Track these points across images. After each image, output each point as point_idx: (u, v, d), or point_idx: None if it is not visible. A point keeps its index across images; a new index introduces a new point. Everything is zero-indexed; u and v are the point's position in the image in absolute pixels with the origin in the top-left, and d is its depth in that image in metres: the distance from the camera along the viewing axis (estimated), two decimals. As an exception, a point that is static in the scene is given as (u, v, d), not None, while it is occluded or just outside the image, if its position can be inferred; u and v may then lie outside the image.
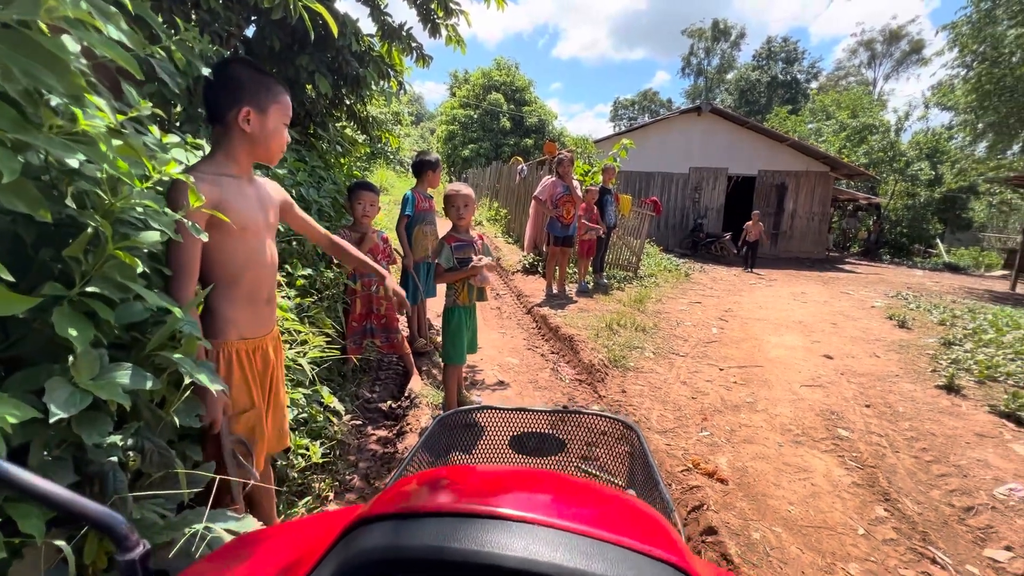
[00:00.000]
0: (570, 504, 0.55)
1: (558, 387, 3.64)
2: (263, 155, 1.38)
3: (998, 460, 2.75)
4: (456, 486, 0.56)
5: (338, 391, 2.53)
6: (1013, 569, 2.03)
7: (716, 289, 8.21)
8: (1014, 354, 4.45)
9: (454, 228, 2.74)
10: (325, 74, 3.25)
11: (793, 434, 3.08)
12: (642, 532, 0.50)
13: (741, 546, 2.06)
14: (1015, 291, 10.86)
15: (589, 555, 0.43)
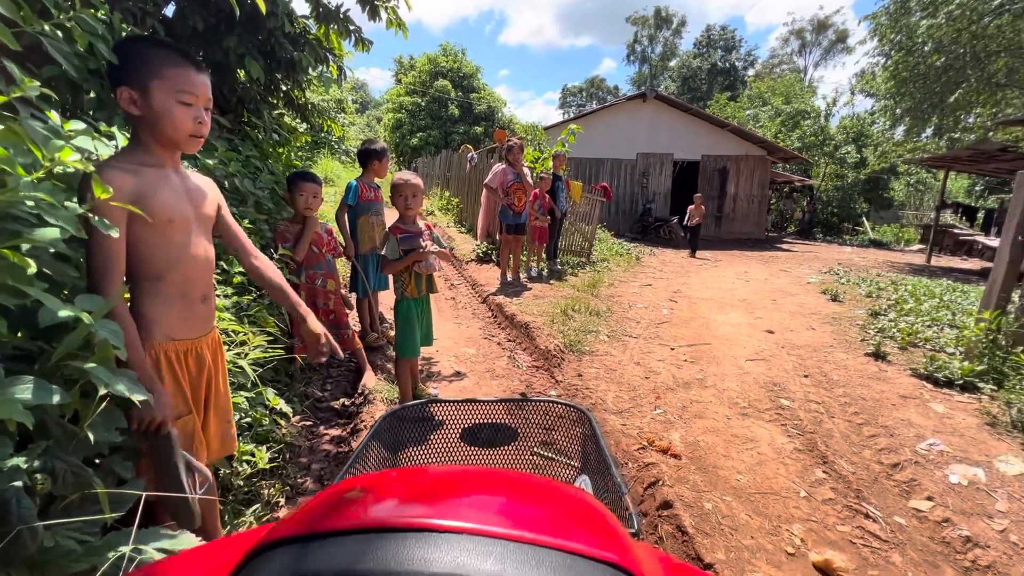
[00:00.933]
0: (506, 506, 0.52)
1: (515, 375, 3.64)
2: (166, 140, 1.22)
3: (919, 419, 2.99)
4: (375, 496, 0.51)
5: (285, 392, 2.42)
6: (934, 517, 2.21)
7: (666, 272, 8.47)
8: (930, 321, 4.86)
9: (400, 219, 2.66)
10: (256, 57, 3.06)
11: (740, 407, 3.22)
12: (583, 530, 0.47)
13: (695, 517, 2.14)
14: (930, 263, 11.84)
15: (524, 563, 0.40)
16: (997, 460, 2.55)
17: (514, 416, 1.12)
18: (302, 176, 2.83)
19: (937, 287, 6.70)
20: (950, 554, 2.04)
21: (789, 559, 1.96)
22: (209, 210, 1.37)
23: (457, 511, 0.47)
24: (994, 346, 3.49)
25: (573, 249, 8.39)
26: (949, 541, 2.09)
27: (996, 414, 2.98)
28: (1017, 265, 3.55)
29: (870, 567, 1.95)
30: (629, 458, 2.59)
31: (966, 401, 3.24)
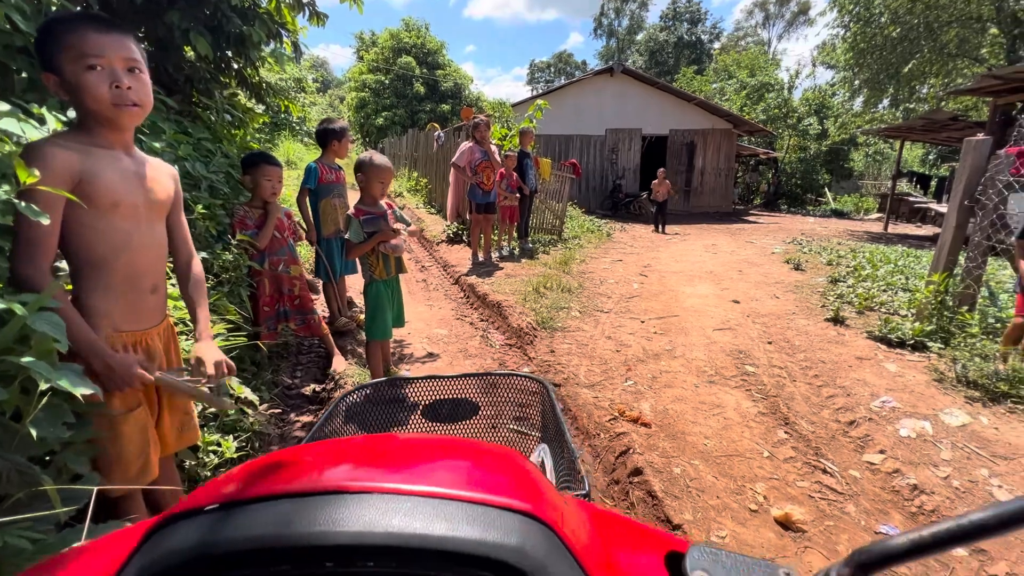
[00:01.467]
0: (424, 466, 0.52)
1: (488, 354, 3.66)
2: (97, 116, 1.13)
3: (874, 378, 3.15)
4: (293, 466, 0.50)
5: (252, 380, 2.37)
6: (885, 468, 2.36)
7: (636, 247, 8.58)
8: (886, 285, 5.08)
9: (361, 200, 2.60)
10: (202, 32, 2.89)
11: (707, 375, 3.33)
12: (498, 485, 0.47)
13: (664, 482, 2.22)
14: (887, 231, 12.33)
15: (431, 516, 0.41)
16: (942, 413, 2.72)
17: (475, 391, 1.12)
18: (265, 159, 2.71)
19: (892, 253, 6.99)
20: (899, 501, 2.17)
21: (752, 516, 2.06)
22: (162, 196, 1.30)
23: (373, 474, 0.47)
24: (942, 307, 3.68)
25: (544, 227, 8.40)
26: (898, 490, 2.23)
27: (943, 370, 3.16)
28: (963, 229, 3.73)
29: (826, 518, 2.07)
30: (601, 429, 2.66)
31: (916, 360, 3.42)
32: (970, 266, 3.67)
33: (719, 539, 1.91)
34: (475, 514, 0.41)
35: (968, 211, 3.63)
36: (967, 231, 3.73)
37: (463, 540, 0.39)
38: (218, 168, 2.69)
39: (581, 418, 2.80)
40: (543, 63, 57.61)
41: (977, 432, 2.56)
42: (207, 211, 2.31)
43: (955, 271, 3.80)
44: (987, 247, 3.57)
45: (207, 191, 2.44)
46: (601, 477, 2.40)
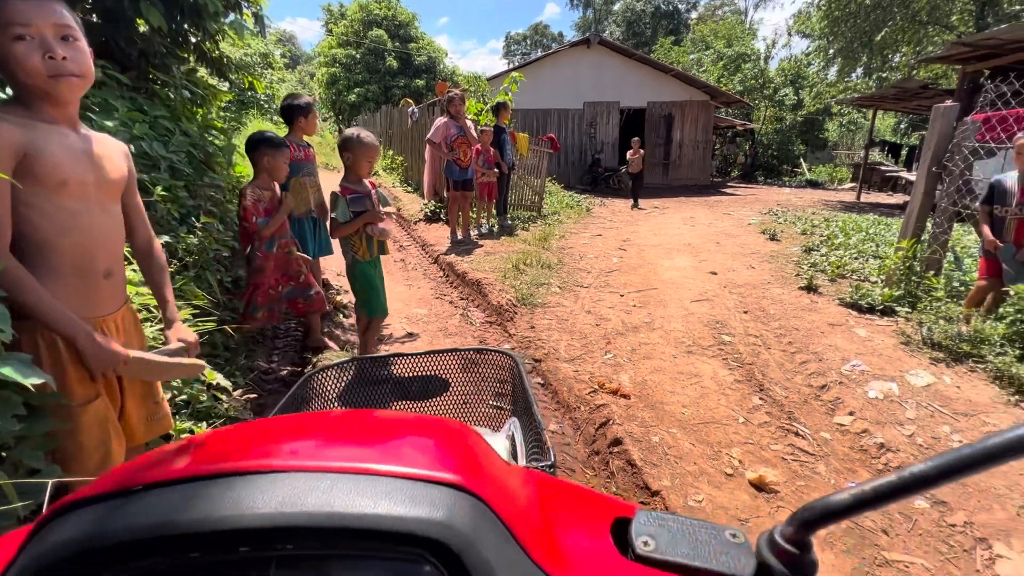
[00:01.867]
0: (350, 443, 0.49)
1: (469, 331, 3.66)
2: (33, 91, 1.07)
3: (845, 343, 3.24)
4: (209, 448, 0.47)
5: (226, 366, 2.33)
6: (854, 429, 2.44)
7: (615, 221, 8.59)
8: (857, 253, 5.20)
9: (346, 178, 2.54)
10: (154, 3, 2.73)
11: (685, 345, 3.38)
12: (430, 458, 0.45)
13: (643, 450, 2.26)
14: (859, 200, 12.57)
15: (351, 494, 0.38)
16: (908, 374, 2.82)
17: (446, 367, 1.11)
18: (276, 143, 2.65)
19: (864, 222, 7.14)
20: (866, 460, 2.26)
21: (728, 479, 2.12)
22: (115, 176, 1.24)
23: (292, 452, 0.45)
24: (910, 273, 3.79)
25: (523, 203, 8.34)
26: (866, 449, 2.32)
27: (910, 334, 3.27)
28: (931, 196, 3.81)
29: (798, 479, 2.14)
30: (581, 402, 2.69)
31: (885, 324, 3.53)
32: (937, 232, 3.76)
33: (696, 503, 1.96)
34: (399, 489, 0.39)
35: (936, 178, 3.70)
36: (935, 198, 3.82)
37: (385, 517, 0.37)
38: (178, 147, 2.58)
39: (562, 392, 2.82)
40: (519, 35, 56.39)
41: (940, 391, 2.66)
42: (168, 193, 2.21)
43: (923, 237, 3.90)
44: (953, 213, 3.67)
45: (167, 172, 2.33)
46: (582, 448, 2.44)
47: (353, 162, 2.50)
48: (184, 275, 2.10)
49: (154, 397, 1.38)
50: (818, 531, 0.40)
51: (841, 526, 1.89)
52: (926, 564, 1.75)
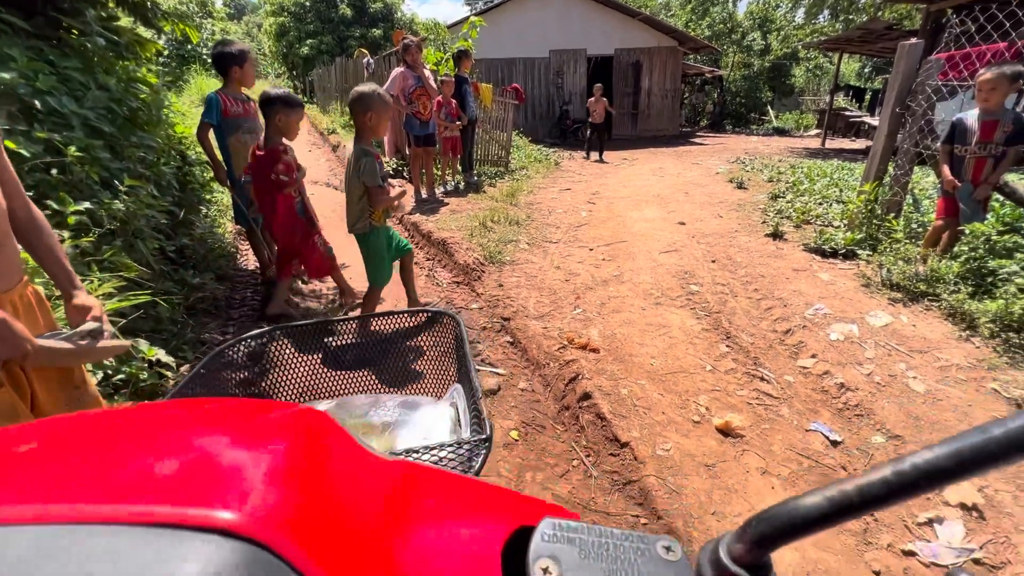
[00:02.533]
0: (90, 466, 0.30)
1: (435, 292, 3.57)
2: None
3: (808, 288, 3.29)
4: None
5: (172, 340, 2.19)
6: (816, 371, 2.50)
7: (584, 174, 8.45)
8: (821, 199, 5.25)
9: (366, 139, 2.45)
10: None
11: (654, 297, 3.38)
12: (201, 482, 0.29)
13: (612, 403, 2.26)
14: (824, 146, 12.70)
15: (61, 551, 0.24)
16: (868, 316, 2.89)
17: (383, 332, 1.03)
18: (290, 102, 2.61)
19: (828, 167, 7.20)
20: (827, 400, 2.33)
21: (695, 427, 2.15)
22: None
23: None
24: (871, 216, 3.84)
25: (490, 159, 8.08)
26: (827, 389, 2.38)
27: (870, 276, 3.34)
28: (894, 137, 3.81)
29: (763, 422, 2.19)
30: (551, 358, 2.67)
31: (847, 268, 3.59)
32: (898, 174, 3.79)
33: (664, 452, 1.98)
34: (134, 545, 0.25)
35: (899, 118, 3.69)
36: (897, 140, 3.83)
37: None
38: (95, 103, 2.31)
39: (531, 349, 2.79)
40: (481, -21, 53.41)
41: (897, 330, 2.74)
42: (84, 154, 1.99)
43: (884, 180, 3.93)
44: (915, 154, 3.69)
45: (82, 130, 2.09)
46: (552, 405, 2.43)
47: (376, 123, 2.39)
48: (112, 245, 1.91)
49: (76, 380, 1.25)
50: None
51: (803, 464, 1.95)
52: (881, 495, 1.82)
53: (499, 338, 3.00)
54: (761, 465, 1.94)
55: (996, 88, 2.93)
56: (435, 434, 0.75)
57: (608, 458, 2.03)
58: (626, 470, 1.95)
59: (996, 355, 2.46)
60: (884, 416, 2.15)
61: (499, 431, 2.20)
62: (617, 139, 14.85)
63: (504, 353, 2.86)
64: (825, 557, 1.58)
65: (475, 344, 2.92)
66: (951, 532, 1.67)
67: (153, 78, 3.92)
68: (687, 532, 1.67)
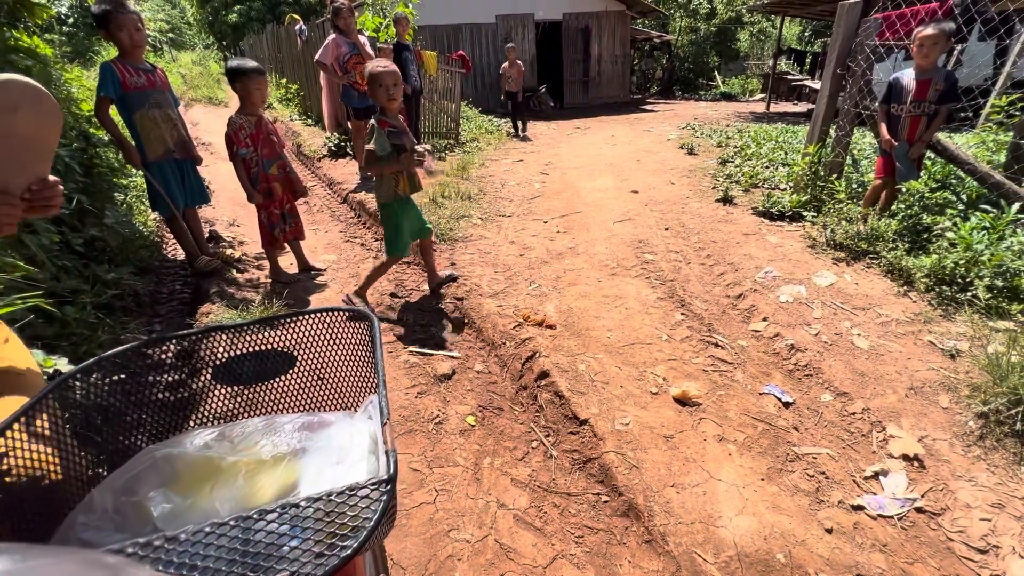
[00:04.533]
0: None
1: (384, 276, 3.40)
2: None
3: (758, 251, 3.35)
4: None
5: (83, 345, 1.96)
6: (767, 334, 2.54)
7: (537, 145, 8.31)
8: (768, 162, 5.35)
9: (382, 112, 2.56)
10: None
11: (610, 268, 3.35)
12: None
13: (570, 380, 2.22)
14: (769, 110, 13.01)
15: None
16: (815, 276, 2.96)
17: (289, 336, 0.90)
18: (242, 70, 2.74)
19: (773, 131, 7.35)
20: (779, 362, 2.37)
21: (653, 398, 2.14)
22: None
23: None
24: (815, 177, 3.92)
25: (438, 131, 7.80)
26: (778, 351, 2.42)
27: (815, 237, 3.42)
28: (835, 99, 3.88)
29: (718, 389, 2.20)
30: (507, 338, 2.60)
31: (794, 230, 3.67)
32: (840, 135, 3.87)
33: (623, 427, 1.97)
34: None
35: (840, 80, 3.75)
36: (838, 102, 3.89)
37: None
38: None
39: (486, 329, 2.71)
40: (421, -60, 50.80)
41: (842, 289, 2.82)
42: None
43: (827, 142, 4.01)
44: (855, 115, 3.76)
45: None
46: (510, 385, 2.37)
47: (371, 90, 2.51)
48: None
49: None
50: None
51: (758, 428, 1.97)
52: (831, 452, 1.87)
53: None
54: (718, 432, 1.96)
55: (937, 43, 2.99)
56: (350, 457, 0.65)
57: (568, 437, 2.00)
58: (586, 448, 1.92)
59: (931, 308, 2.57)
60: (832, 374, 2.21)
61: (455, 418, 2.13)
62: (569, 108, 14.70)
63: (459, 334, 2.77)
64: (781, 520, 1.61)
65: (428, 328, 2.81)
66: (895, 483, 1.73)
67: (46, 48, 3.47)
68: (648, 506, 1.66)
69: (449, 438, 2.03)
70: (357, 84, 4.98)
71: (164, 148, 2.80)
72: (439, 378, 2.38)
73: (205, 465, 0.67)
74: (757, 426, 1.99)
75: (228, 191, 5.30)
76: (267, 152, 2.91)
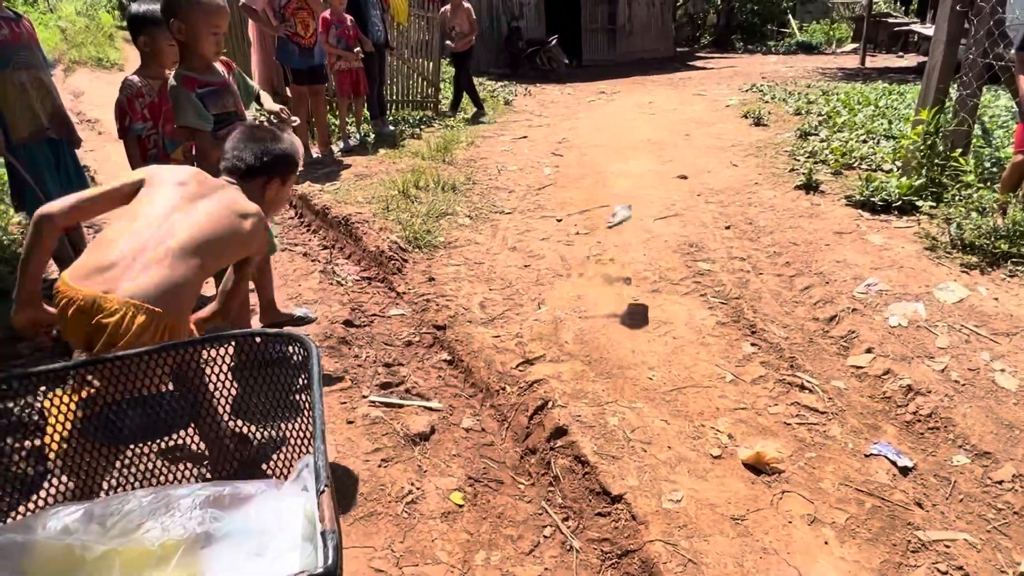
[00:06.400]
0: None
1: (334, 296, 3.42)
2: None
3: (856, 256, 3.34)
4: None
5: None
6: (874, 371, 2.52)
7: (547, 115, 8.41)
8: (865, 134, 5.39)
9: (186, 64, 2.42)
10: None
11: (650, 282, 3.35)
12: None
13: (597, 438, 2.19)
14: (864, 65, 13.19)
15: None
16: (937, 289, 2.95)
17: (197, 371, 0.87)
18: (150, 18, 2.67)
19: (872, 92, 7.45)
20: (891, 410, 2.34)
21: (715, 463, 2.11)
22: None
23: None
24: (932, 153, 3.94)
25: (411, 99, 7.94)
26: (890, 395, 2.39)
27: (936, 235, 3.42)
28: (955, 47, 3.92)
29: (807, 448, 2.17)
30: (507, 380, 2.58)
31: (904, 225, 3.67)
32: (964, 94, 3.90)
33: (674, 504, 1.93)
34: None
35: (961, 19, 3.79)
36: (959, 52, 3.93)
37: None
38: None
39: (478, 369, 2.70)
40: None
41: (975, 307, 2.81)
42: None
43: (946, 105, 4.04)
44: (983, 67, 3.80)
45: None
46: (511, 448, 2.35)
47: (192, 35, 2.32)
48: None
49: None
50: None
51: (865, 505, 1.94)
52: (971, 538, 1.83)
53: (431, 356, 2.89)
54: (808, 511, 1.92)
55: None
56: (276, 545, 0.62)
57: (595, 520, 1.97)
58: (621, 536, 1.89)
59: (1103, 332, 2.55)
60: (967, 426, 2.17)
61: (435, 495, 2.09)
62: (590, 66, 14.92)
63: (439, 378, 2.75)
64: None
65: (396, 368, 2.80)
66: None
67: None
68: (711, 619, 1.61)
69: (427, 524, 1.99)
70: (298, 37, 5.07)
71: (36, 124, 2.84)
72: (412, 438, 2.35)
73: (63, 558, 0.64)
74: (864, 502, 1.96)
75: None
76: (171, 129, 2.90)
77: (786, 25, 21.86)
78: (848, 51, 17.26)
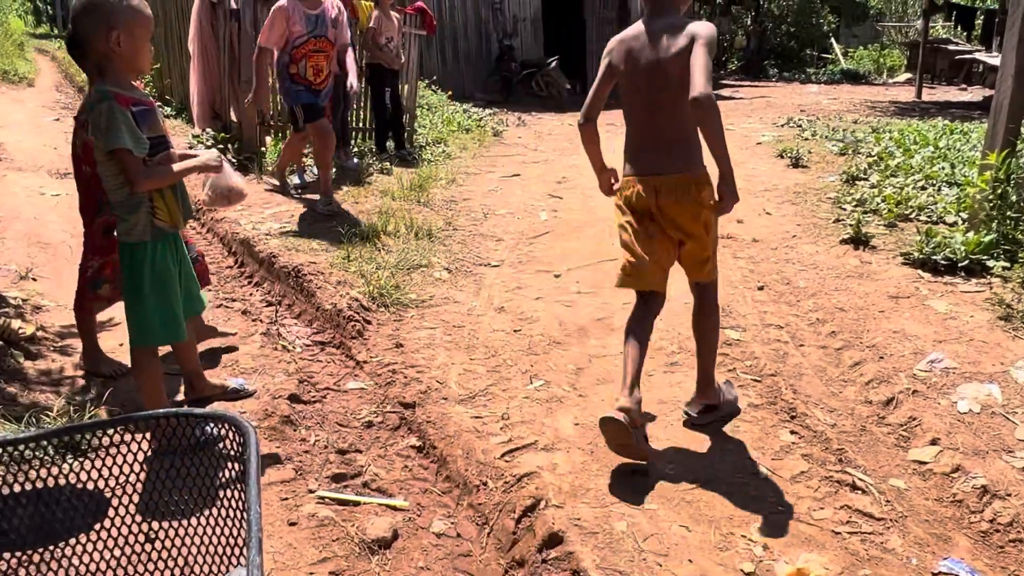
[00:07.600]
0: None
1: (279, 365, 3.42)
2: None
3: (916, 326, 3.39)
4: None
5: None
6: (941, 468, 2.51)
7: (544, 149, 8.61)
8: (924, 179, 5.54)
9: (114, 79, 2.39)
10: None
11: (666, 353, 3.37)
12: None
13: (600, 548, 2.17)
14: (920, 99, 13.66)
15: None
16: (1014, 368, 2.98)
17: (99, 462, 0.86)
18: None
19: (931, 131, 7.69)
20: (963, 517, 2.33)
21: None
22: None
23: None
24: (1003, 203, 4.04)
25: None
26: (961, 498, 2.38)
27: (1010, 301, 3.48)
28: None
29: (861, 564, 2.15)
30: (489, 473, 2.56)
31: (974, 289, 3.74)
32: (1038, 136, 4.04)
33: (695, 633, 1.90)
34: None
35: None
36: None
37: None
38: None
39: (455, 458, 2.68)
40: None
41: (1062, 390, 2.84)
42: None
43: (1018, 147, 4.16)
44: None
45: None
46: (494, 559, 2.31)
47: (129, 47, 2.35)
48: None
49: None
50: None
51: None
52: None
53: (396, 441, 2.88)
54: (863, 644, 1.89)
55: None
56: None
57: (597, 654, 1.92)
58: (630, 674, 1.84)
59: None
60: (1056, 539, 2.16)
61: (396, 618, 2.05)
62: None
63: (406, 468, 2.74)
64: None
65: (353, 454, 2.78)
66: None
67: None
68: None
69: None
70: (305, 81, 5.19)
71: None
72: (369, 545, 2.32)
73: None
74: None
75: (24, 221, 5.37)
76: None
77: (828, 50, 22.69)
78: (901, 82, 17.92)
